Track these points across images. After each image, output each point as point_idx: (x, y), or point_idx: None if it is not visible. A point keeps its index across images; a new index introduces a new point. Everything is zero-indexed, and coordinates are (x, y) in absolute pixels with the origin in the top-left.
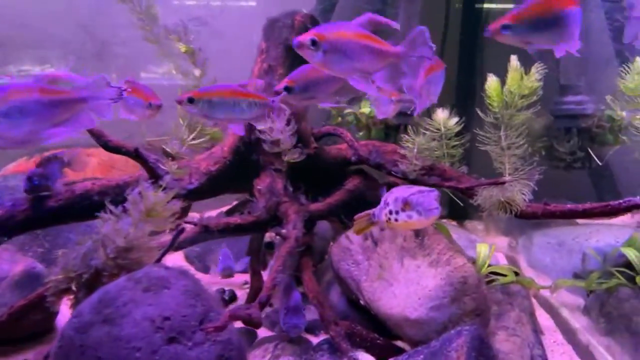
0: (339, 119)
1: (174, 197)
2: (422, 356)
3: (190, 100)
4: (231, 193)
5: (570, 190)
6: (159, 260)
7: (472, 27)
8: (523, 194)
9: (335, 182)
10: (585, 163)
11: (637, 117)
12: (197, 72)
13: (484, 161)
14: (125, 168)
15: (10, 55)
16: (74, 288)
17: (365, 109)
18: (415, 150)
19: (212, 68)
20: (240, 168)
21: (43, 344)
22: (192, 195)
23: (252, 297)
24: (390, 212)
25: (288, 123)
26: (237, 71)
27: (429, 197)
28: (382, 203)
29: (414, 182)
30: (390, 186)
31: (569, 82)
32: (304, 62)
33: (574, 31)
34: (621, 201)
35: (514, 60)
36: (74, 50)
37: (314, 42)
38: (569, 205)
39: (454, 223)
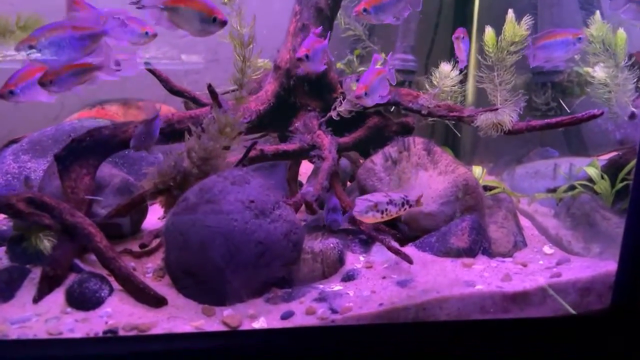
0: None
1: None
2: (435, 237)
3: None
4: (272, 130)
5: (545, 134)
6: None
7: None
8: (511, 117)
9: (356, 122)
10: (557, 112)
11: (586, 69)
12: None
13: (481, 95)
14: None
15: None
16: (171, 184)
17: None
18: (434, 92)
19: None
20: (281, 109)
21: (137, 240)
22: (245, 129)
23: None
24: None
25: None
26: None
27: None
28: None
29: (428, 114)
30: (402, 125)
31: None
32: (330, 21)
33: None
34: (583, 113)
35: (510, 12)
36: None
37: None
38: (546, 120)
39: None
